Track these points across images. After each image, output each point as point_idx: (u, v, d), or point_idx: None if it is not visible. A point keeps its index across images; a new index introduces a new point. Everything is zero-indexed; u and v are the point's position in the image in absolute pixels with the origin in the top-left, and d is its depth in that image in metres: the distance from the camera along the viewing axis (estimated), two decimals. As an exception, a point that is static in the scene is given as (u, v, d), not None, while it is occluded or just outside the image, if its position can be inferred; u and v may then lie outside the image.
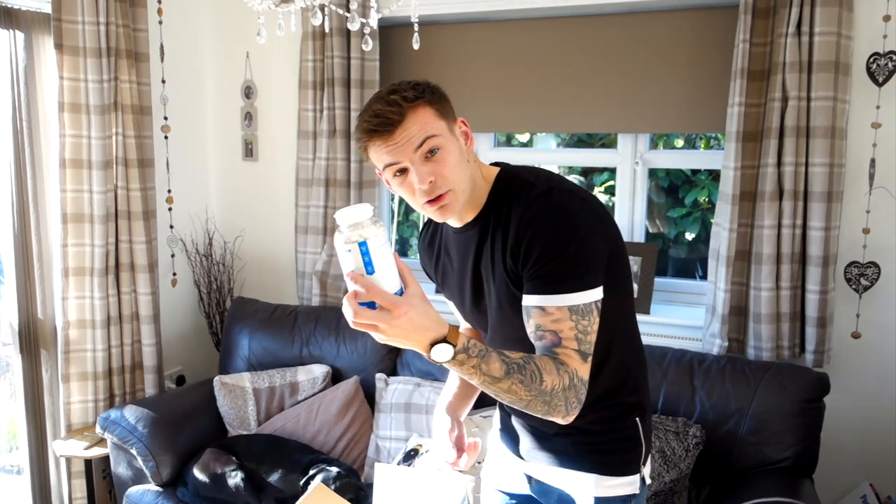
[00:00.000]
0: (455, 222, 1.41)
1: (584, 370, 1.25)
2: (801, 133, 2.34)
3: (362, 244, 1.11)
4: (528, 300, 1.27)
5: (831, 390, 2.25)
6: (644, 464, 1.46)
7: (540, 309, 1.25)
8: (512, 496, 1.62)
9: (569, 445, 1.44)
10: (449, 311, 1.61)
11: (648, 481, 1.50)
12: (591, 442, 1.43)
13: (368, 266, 1.12)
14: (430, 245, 1.57)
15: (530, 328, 1.28)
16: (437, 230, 1.55)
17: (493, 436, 1.67)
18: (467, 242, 1.41)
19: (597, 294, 1.26)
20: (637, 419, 1.44)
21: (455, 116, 1.35)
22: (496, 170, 1.40)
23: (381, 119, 1.26)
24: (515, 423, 1.55)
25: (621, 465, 1.43)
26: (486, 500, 1.68)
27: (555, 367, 1.22)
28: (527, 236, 1.26)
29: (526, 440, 1.52)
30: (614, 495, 1.42)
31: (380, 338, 1.15)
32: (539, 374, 1.20)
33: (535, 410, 1.23)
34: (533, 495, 1.56)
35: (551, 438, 1.46)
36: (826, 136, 2.30)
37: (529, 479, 1.55)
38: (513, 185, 1.34)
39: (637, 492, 1.44)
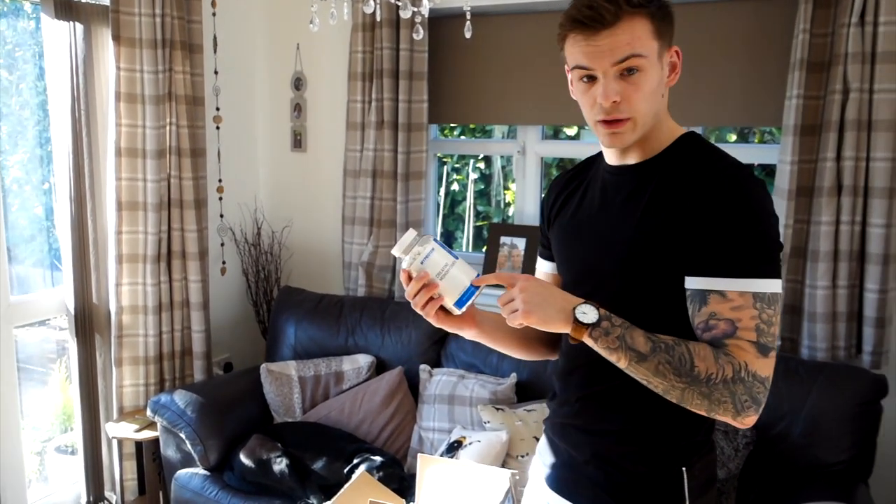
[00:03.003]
0: (615, 158, 1.26)
1: (760, 365, 1.07)
2: (863, 126, 2.26)
3: (435, 241, 1.23)
4: (703, 283, 1.10)
5: (888, 393, 2.17)
6: None
7: (718, 294, 1.09)
8: None
9: (601, 477, 1.26)
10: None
11: None
12: (624, 483, 1.24)
13: (452, 254, 1.22)
14: (569, 181, 1.39)
15: (700, 317, 1.11)
16: (587, 169, 1.38)
17: (534, 464, 1.50)
18: (619, 185, 1.25)
19: (779, 284, 1.10)
20: (683, 469, 1.21)
21: (672, 41, 1.20)
22: (683, 129, 1.26)
23: (594, 13, 1.11)
24: (558, 437, 1.37)
25: (654, 498, 1.22)
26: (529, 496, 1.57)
27: (712, 354, 1.07)
28: (720, 200, 1.10)
29: (562, 462, 1.35)
30: None
31: (519, 313, 1.09)
32: (690, 358, 1.06)
33: (694, 405, 1.08)
34: None
35: (583, 466, 1.29)
36: (889, 130, 2.22)
37: None
38: (702, 148, 1.21)
39: None
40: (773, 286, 1.09)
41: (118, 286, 2.81)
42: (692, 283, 1.12)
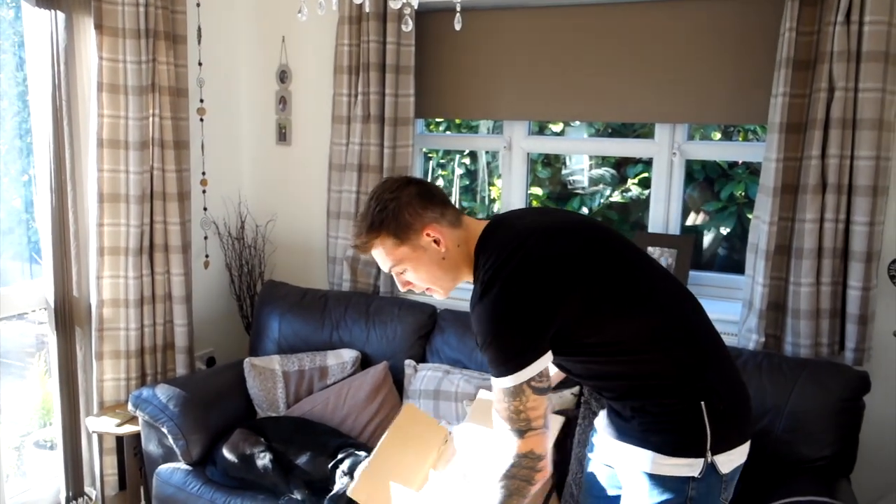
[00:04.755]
0: None
1: (522, 446, 1.43)
2: (848, 125, 2.28)
3: None
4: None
5: (871, 389, 2.19)
6: (714, 451, 1.45)
7: (494, 389, 1.46)
8: (609, 466, 1.67)
9: (635, 425, 1.50)
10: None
11: (724, 471, 1.47)
12: (654, 422, 1.48)
13: None
14: None
15: None
16: None
17: (601, 416, 1.72)
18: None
19: (522, 376, 1.40)
20: (702, 403, 1.44)
21: (421, 226, 1.50)
22: (478, 232, 1.55)
23: (356, 248, 1.56)
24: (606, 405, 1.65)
25: (680, 445, 1.45)
26: (592, 472, 1.73)
27: (505, 486, 1.45)
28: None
29: (610, 419, 1.60)
30: (669, 475, 1.46)
31: None
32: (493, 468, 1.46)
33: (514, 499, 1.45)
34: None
35: (626, 419, 1.53)
36: (873, 129, 2.24)
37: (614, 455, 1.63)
38: (477, 258, 1.52)
39: (696, 475, 1.45)
40: (512, 381, 1.41)
41: (99, 279, 2.78)
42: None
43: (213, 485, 2.46)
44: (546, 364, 1.43)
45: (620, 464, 1.58)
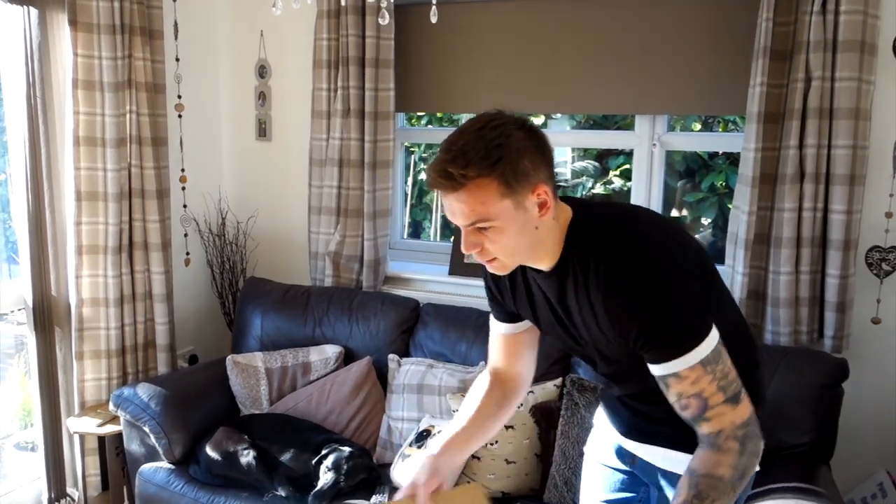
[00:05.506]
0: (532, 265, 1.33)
1: (739, 413, 1.21)
2: (825, 114, 2.29)
3: None
4: (658, 370, 1.23)
5: (849, 376, 2.21)
6: None
7: (675, 376, 1.21)
8: (616, 470, 1.60)
9: (675, 429, 1.35)
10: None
11: (757, 468, 1.42)
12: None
13: None
14: (509, 276, 1.44)
15: (672, 397, 1.24)
16: None
17: (599, 412, 1.65)
18: (550, 286, 1.33)
19: (715, 335, 1.21)
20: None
21: (535, 182, 1.19)
22: (569, 216, 1.29)
23: (442, 177, 1.17)
24: (622, 405, 1.51)
25: None
26: (588, 472, 1.67)
27: (713, 455, 1.20)
28: (621, 318, 1.22)
29: (634, 421, 1.49)
30: None
31: None
32: (713, 479, 1.18)
33: (748, 481, 1.24)
34: (636, 473, 1.55)
35: (661, 422, 1.40)
36: (850, 118, 2.26)
37: (633, 457, 1.53)
38: (584, 243, 1.26)
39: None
40: (710, 343, 1.20)
41: (78, 278, 2.75)
42: (652, 369, 1.25)
43: (197, 483, 2.44)
44: None
45: (650, 468, 1.48)
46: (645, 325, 1.19)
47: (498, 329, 1.54)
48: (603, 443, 1.63)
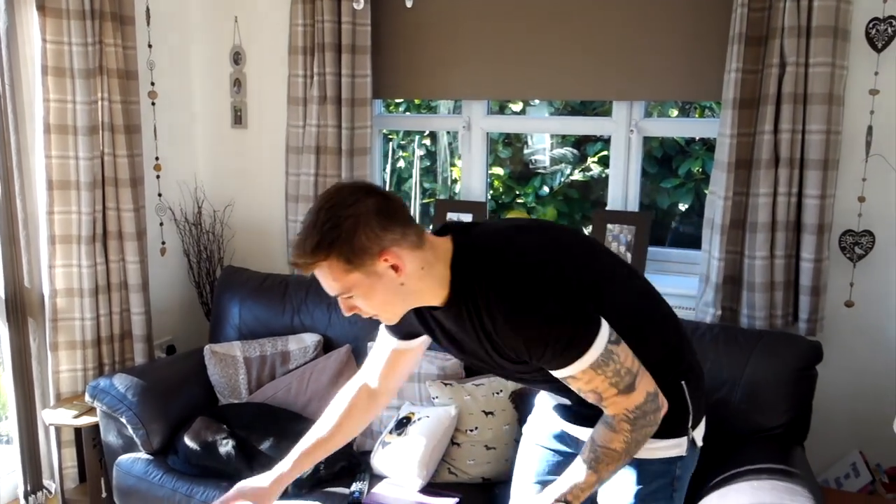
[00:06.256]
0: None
1: (633, 400, 1.32)
2: (799, 100, 2.31)
3: None
4: (556, 374, 1.33)
5: (823, 359, 2.24)
6: (694, 427, 1.49)
7: (571, 378, 1.32)
8: (554, 451, 1.64)
9: None
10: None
11: (700, 444, 1.53)
12: None
13: None
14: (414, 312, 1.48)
15: (574, 390, 1.35)
16: None
17: (541, 396, 1.69)
18: (448, 319, 1.39)
19: (604, 336, 1.29)
20: (682, 383, 1.46)
21: (378, 251, 1.25)
22: (449, 254, 1.34)
23: (296, 266, 1.28)
24: (561, 398, 1.57)
25: (666, 428, 1.42)
26: (525, 454, 1.70)
27: (608, 433, 1.34)
28: (511, 344, 1.30)
29: (576, 409, 1.53)
30: (658, 457, 1.47)
31: None
32: (608, 450, 1.33)
33: (643, 445, 1.37)
34: (577, 454, 1.56)
35: (594, 407, 1.44)
36: (823, 103, 2.28)
37: (576, 440, 1.56)
38: (468, 280, 1.32)
39: (683, 454, 1.48)
40: (598, 347, 1.28)
41: (51, 268, 2.71)
42: (552, 373, 1.34)
43: (175, 473, 2.43)
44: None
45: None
46: (532, 346, 1.28)
47: (389, 343, 1.59)
48: (544, 426, 1.67)
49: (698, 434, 1.51)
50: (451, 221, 1.41)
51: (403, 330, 1.54)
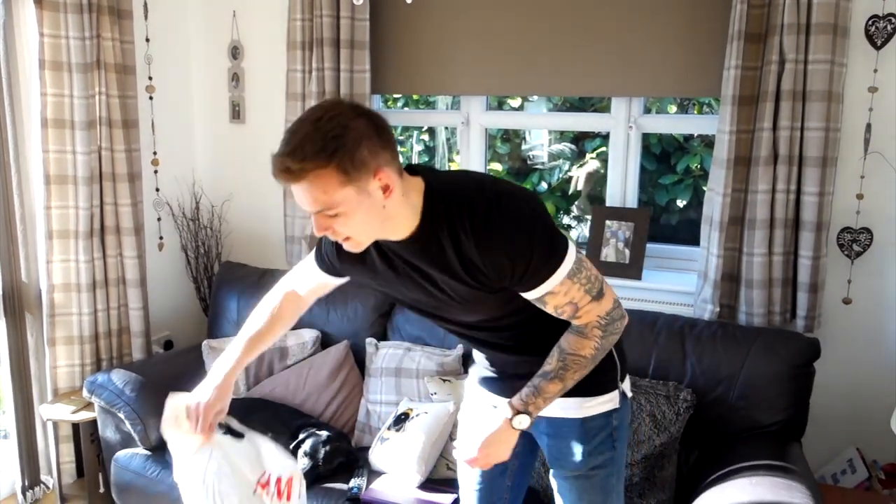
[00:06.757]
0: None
1: (603, 306, 1.41)
2: (798, 97, 2.31)
3: None
4: (534, 294, 1.38)
5: (821, 355, 2.25)
6: (622, 380, 1.60)
7: (550, 294, 1.37)
8: None
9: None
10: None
11: (630, 394, 1.65)
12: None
13: None
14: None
15: (549, 310, 1.41)
16: None
17: (472, 379, 1.74)
18: (412, 253, 1.40)
19: (572, 249, 1.38)
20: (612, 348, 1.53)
21: (375, 167, 1.24)
22: (421, 186, 1.36)
23: (281, 169, 1.22)
24: (495, 371, 1.65)
25: (600, 384, 1.55)
26: (463, 439, 1.66)
27: (580, 340, 1.42)
28: (495, 262, 1.32)
29: (509, 382, 1.59)
30: (597, 413, 1.57)
31: (486, 465, 1.56)
32: (578, 357, 1.42)
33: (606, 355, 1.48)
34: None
35: (530, 375, 1.50)
36: (822, 100, 2.27)
37: None
38: (444, 206, 1.34)
39: (618, 406, 1.59)
40: (570, 258, 1.36)
41: (49, 263, 2.71)
42: (528, 295, 1.39)
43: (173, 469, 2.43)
44: None
45: (537, 420, 1.57)
46: (518, 262, 1.32)
47: (317, 275, 1.63)
48: (480, 407, 1.70)
49: (626, 386, 1.62)
50: (416, 164, 1.44)
51: (335, 267, 1.56)
